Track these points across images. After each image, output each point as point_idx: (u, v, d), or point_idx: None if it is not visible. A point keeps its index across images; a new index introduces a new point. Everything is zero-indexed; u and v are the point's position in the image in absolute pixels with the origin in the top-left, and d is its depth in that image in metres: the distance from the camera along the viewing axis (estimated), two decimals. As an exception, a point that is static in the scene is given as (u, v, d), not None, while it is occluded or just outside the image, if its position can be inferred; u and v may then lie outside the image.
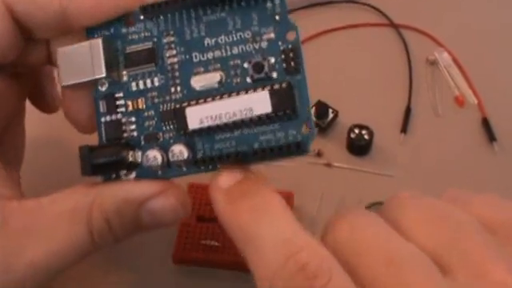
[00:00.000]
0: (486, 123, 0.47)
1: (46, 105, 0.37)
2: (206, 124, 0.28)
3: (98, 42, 0.30)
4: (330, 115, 0.46)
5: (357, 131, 0.45)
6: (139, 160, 0.30)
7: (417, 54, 0.51)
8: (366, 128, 0.45)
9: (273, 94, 0.27)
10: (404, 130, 0.47)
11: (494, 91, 0.48)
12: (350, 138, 0.45)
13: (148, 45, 0.31)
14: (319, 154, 0.45)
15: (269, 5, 0.29)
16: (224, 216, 0.26)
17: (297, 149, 0.27)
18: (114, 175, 0.30)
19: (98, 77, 0.30)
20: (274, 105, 0.27)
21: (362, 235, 0.23)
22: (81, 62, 0.30)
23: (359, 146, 0.45)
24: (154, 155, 0.29)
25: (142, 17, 0.31)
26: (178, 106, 0.29)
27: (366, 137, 0.45)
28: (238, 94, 0.28)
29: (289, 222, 0.25)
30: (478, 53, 0.51)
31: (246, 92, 0.28)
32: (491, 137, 0.46)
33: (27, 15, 0.31)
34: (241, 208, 0.25)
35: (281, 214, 0.25)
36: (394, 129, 0.47)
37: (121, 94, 0.31)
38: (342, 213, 0.25)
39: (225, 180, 0.27)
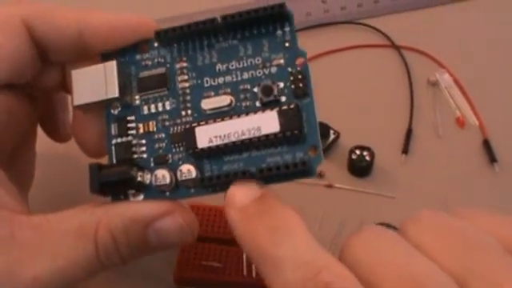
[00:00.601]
0: (486, 144, 0.47)
1: (57, 133, 0.38)
2: (214, 143, 0.29)
3: (113, 64, 0.31)
4: (332, 136, 0.46)
5: (358, 152, 0.45)
6: (147, 181, 0.30)
7: (418, 74, 0.51)
8: (368, 149, 0.45)
9: (281, 113, 0.28)
10: (405, 150, 0.47)
11: (495, 112, 0.48)
12: (351, 159, 0.45)
13: (161, 70, 0.32)
14: (320, 175, 0.45)
15: (279, 33, 0.31)
16: (240, 235, 0.26)
17: (303, 171, 0.28)
18: (122, 196, 0.31)
19: (111, 97, 0.31)
20: (281, 124, 0.28)
21: (382, 253, 0.23)
22: (94, 82, 0.31)
23: (360, 167, 0.45)
24: (163, 174, 0.30)
25: (156, 44, 0.32)
26: (187, 126, 0.29)
27: (368, 158, 0.45)
28: (247, 114, 0.29)
29: (308, 242, 0.24)
30: (479, 74, 0.51)
31: (255, 113, 0.29)
32: (492, 158, 0.46)
33: (45, 37, 0.32)
34: (259, 227, 0.25)
35: (300, 235, 0.25)
36: (395, 150, 0.47)
37: (132, 118, 0.32)
38: (360, 229, 0.24)
39: (241, 198, 0.27)
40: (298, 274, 0.23)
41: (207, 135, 0.29)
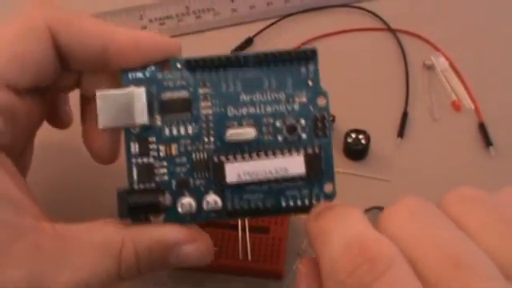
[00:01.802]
0: (482, 128, 0.47)
1: (59, 121, 0.38)
2: (243, 179, 0.30)
3: (142, 91, 0.31)
4: (327, 120, 0.46)
5: (353, 136, 0.45)
6: (168, 203, 0.31)
7: (413, 58, 0.51)
8: (363, 132, 0.45)
9: (307, 158, 0.31)
10: (401, 134, 0.47)
11: (491, 96, 0.48)
12: (346, 143, 0.45)
13: (184, 94, 0.32)
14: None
15: (303, 70, 0.32)
16: (309, 228, 0.26)
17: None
18: (142, 217, 0.31)
19: (140, 123, 0.31)
20: (307, 168, 0.31)
21: (425, 227, 0.23)
22: (122, 106, 0.31)
23: (356, 151, 0.45)
24: (190, 203, 0.31)
25: (179, 65, 0.32)
26: (216, 159, 0.31)
27: (363, 141, 0.45)
28: (274, 154, 0.31)
29: (359, 220, 0.24)
30: (474, 57, 0.51)
31: (282, 153, 0.31)
32: (488, 141, 0.46)
33: (69, 49, 0.32)
34: (325, 216, 0.26)
35: (357, 218, 0.25)
36: (391, 133, 0.47)
37: (153, 139, 0.32)
38: (402, 200, 0.24)
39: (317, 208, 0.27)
40: (345, 249, 0.23)
41: (236, 171, 0.30)
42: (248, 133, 0.31)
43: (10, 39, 0.31)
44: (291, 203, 0.31)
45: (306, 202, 0.31)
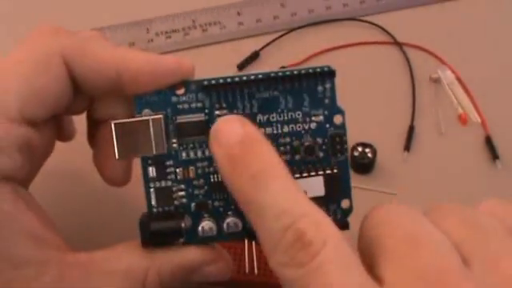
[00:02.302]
0: (489, 141, 0.47)
1: (62, 133, 0.38)
2: None
3: (161, 119, 0.30)
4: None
5: (360, 149, 0.45)
6: (188, 225, 0.31)
7: (420, 71, 0.51)
8: (370, 146, 0.45)
9: (326, 179, 0.31)
10: (407, 148, 0.47)
11: (497, 109, 0.48)
12: (353, 156, 0.45)
13: (200, 116, 0.31)
14: (322, 172, 0.45)
15: (320, 88, 0.31)
16: (228, 180, 0.26)
17: (337, 225, 0.29)
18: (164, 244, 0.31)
19: (160, 153, 0.30)
20: (326, 190, 0.31)
21: (394, 217, 0.24)
22: (139, 136, 0.30)
23: (362, 164, 0.45)
24: (210, 227, 0.31)
25: (193, 87, 0.31)
26: None
27: (370, 155, 0.45)
28: (293, 175, 0.29)
29: (288, 189, 0.25)
30: (481, 71, 0.51)
31: (300, 174, 0.30)
32: (494, 155, 0.46)
33: (84, 77, 0.32)
34: (242, 172, 0.25)
35: (281, 181, 0.25)
36: (397, 147, 0.47)
37: (171, 162, 0.31)
38: (383, 203, 0.26)
39: (227, 138, 0.26)
40: (278, 222, 0.23)
41: None
42: None
43: (25, 73, 0.31)
44: None
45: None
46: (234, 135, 0.26)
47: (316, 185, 0.30)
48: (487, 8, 0.54)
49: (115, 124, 0.30)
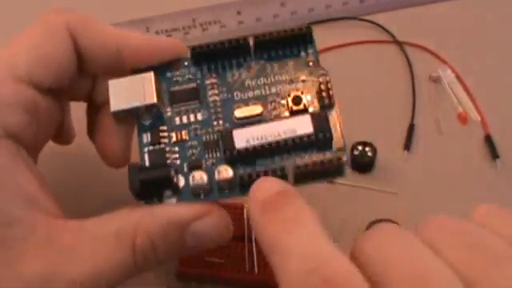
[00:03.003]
0: (489, 140, 0.47)
1: (61, 136, 0.38)
2: (252, 143, 0.31)
3: (151, 75, 0.33)
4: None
5: (360, 148, 0.45)
6: (181, 185, 0.31)
7: (420, 70, 0.51)
8: (370, 145, 0.45)
9: (313, 117, 0.31)
10: (407, 147, 0.47)
11: (498, 108, 0.48)
12: (353, 155, 0.45)
13: (192, 85, 0.34)
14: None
15: (303, 54, 0.34)
16: (257, 226, 0.26)
17: (336, 170, 0.31)
18: (156, 199, 0.31)
19: (149, 103, 0.32)
20: (314, 126, 0.31)
21: (391, 250, 0.23)
22: (132, 91, 0.33)
23: (362, 163, 0.45)
24: (201, 175, 0.31)
25: (186, 63, 0.34)
26: (224, 131, 0.32)
27: (370, 154, 0.45)
28: (281, 119, 0.32)
29: (317, 235, 0.24)
30: (481, 70, 0.51)
31: (289, 118, 0.32)
32: (494, 154, 0.46)
33: (87, 48, 0.34)
34: (274, 217, 0.25)
35: (310, 227, 0.25)
36: (398, 146, 0.47)
37: (165, 128, 0.33)
38: (373, 227, 0.25)
39: (263, 191, 0.27)
40: (302, 266, 0.23)
41: (244, 137, 0.31)
42: (255, 109, 0.32)
43: (34, 41, 0.33)
44: (310, 166, 0.30)
45: (326, 163, 0.30)
46: (271, 190, 0.27)
47: (304, 123, 0.31)
48: (487, 7, 0.54)
49: (111, 82, 0.33)
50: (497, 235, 0.23)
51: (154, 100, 0.32)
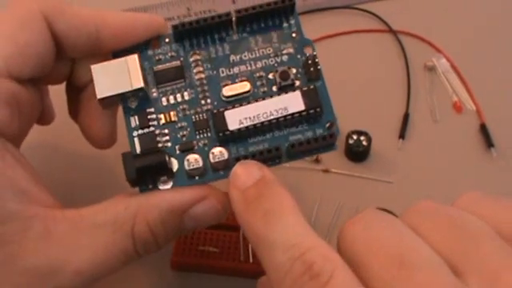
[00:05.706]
0: (483, 129, 0.47)
1: (42, 116, 0.38)
2: (245, 124, 0.30)
3: (135, 57, 0.32)
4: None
5: (355, 137, 0.45)
6: (175, 168, 0.31)
7: (415, 59, 0.51)
8: (365, 134, 0.45)
9: (304, 94, 0.31)
10: (402, 135, 0.47)
11: (492, 97, 0.48)
12: (348, 144, 0.45)
13: (176, 63, 0.33)
14: (317, 160, 0.45)
15: (285, 25, 0.34)
16: (240, 217, 0.27)
17: (325, 143, 0.31)
18: (151, 185, 0.31)
19: (136, 87, 0.32)
20: (305, 103, 0.30)
21: (375, 234, 0.23)
22: (117, 75, 0.32)
23: (357, 152, 0.45)
24: (195, 158, 0.31)
25: (167, 40, 0.33)
26: (215, 111, 0.31)
27: (364, 143, 0.45)
28: (271, 97, 0.31)
29: (298, 224, 0.25)
30: (476, 59, 0.51)
31: (279, 95, 0.31)
32: (489, 143, 0.46)
33: (64, 33, 0.33)
34: (255, 211, 0.26)
35: (291, 218, 0.25)
36: (392, 135, 0.47)
37: (152, 110, 0.32)
38: (359, 213, 0.25)
39: (243, 181, 0.27)
40: (286, 256, 0.24)
41: (237, 117, 0.31)
42: (243, 86, 0.32)
43: (10, 31, 0.31)
44: (296, 143, 0.31)
45: (319, 140, 0.31)
46: (250, 178, 0.27)
47: (295, 100, 0.31)
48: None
49: (94, 67, 0.32)
50: (476, 216, 0.24)
51: (141, 84, 0.31)
